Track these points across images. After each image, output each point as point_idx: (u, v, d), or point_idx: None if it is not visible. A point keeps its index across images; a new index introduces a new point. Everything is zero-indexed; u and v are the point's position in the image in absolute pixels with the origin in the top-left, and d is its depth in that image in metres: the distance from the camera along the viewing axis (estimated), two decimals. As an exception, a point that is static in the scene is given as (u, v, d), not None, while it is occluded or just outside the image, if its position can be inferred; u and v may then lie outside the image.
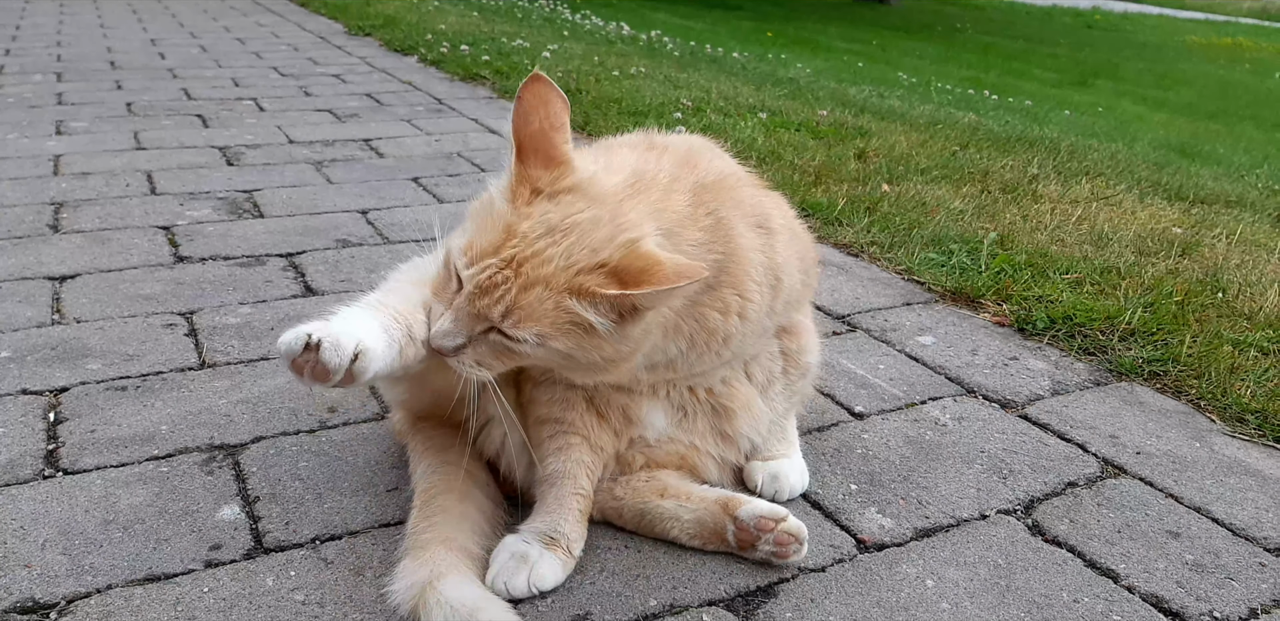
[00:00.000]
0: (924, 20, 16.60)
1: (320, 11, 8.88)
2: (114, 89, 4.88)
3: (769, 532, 1.39)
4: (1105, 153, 4.59)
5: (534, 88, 1.26)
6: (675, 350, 1.36)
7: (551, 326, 1.20)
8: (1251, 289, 2.64)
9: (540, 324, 1.19)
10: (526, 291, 1.19)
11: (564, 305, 1.19)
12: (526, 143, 1.24)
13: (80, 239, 2.69)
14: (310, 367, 1.19)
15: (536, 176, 1.24)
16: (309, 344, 1.18)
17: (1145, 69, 12.43)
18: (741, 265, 1.35)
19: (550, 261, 1.19)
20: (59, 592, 1.33)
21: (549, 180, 1.24)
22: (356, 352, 1.20)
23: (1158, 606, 1.41)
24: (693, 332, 1.35)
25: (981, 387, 2.08)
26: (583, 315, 1.19)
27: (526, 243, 1.20)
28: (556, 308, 1.19)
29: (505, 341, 1.23)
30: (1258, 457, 1.86)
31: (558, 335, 1.21)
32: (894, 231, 3.03)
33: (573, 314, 1.19)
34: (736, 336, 1.38)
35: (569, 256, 1.19)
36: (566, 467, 1.45)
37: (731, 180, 1.42)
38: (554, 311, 1.19)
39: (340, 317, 1.26)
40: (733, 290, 1.35)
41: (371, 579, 1.37)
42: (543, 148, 1.25)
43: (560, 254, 1.19)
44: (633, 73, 5.79)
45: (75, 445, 1.68)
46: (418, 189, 3.34)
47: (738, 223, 1.35)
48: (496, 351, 1.25)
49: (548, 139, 1.25)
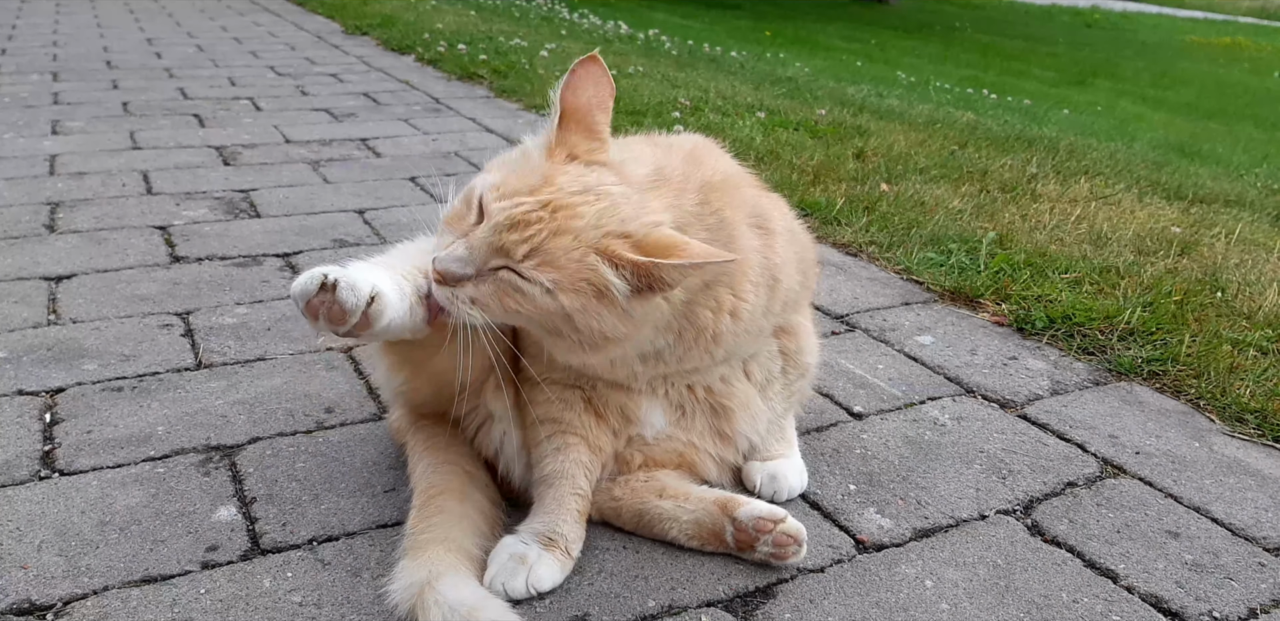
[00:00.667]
0: (923, 19, 16.59)
1: (317, 11, 8.87)
2: (110, 88, 4.88)
3: (768, 534, 1.39)
4: (1104, 152, 4.59)
5: (589, 66, 1.28)
6: (663, 342, 1.36)
7: (569, 279, 1.19)
8: (1251, 288, 2.64)
9: (560, 272, 1.19)
10: (556, 237, 1.19)
11: (588, 261, 1.19)
12: (570, 112, 1.27)
13: (76, 239, 2.68)
14: (326, 309, 1.19)
15: (575, 143, 1.27)
16: (325, 284, 1.17)
17: (1144, 68, 12.43)
18: (739, 265, 1.34)
19: (584, 217, 1.20)
20: (55, 594, 1.32)
21: (586, 149, 1.27)
22: (372, 295, 1.21)
23: (1157, 606, 1.41)
24: (681, 329, 1.34)
25: (980, 387, 2.08)
26: (603, 275, 1.19)
27: (564, 193, 1.21)
28: (580, 262, 1.19)
29: (517, 281, 1.21)
30: (1257, 457, 1.86)
31: (570, 290, 1.20)
32: (893, 231, 3.03)
33: (593, 272, 1.19)
34: (727, 335, 1.37)
35: (601, 218, 1.20)
36: (564, 468, 1.44)
37: (734, 180, 1.42)
38: (576, 264, 1.19)
39: (353, 266, 1.27)
40: (728, 289, 1.35)
41: (369, 580, 1.37)
42: (585, 121, 1.28)
43: (594, 213, 1.20)
44: (631, 72, 5.79)
45: (71, 446, 1.68)
46: (415, 189, 3.33)
47: (739, 223, 1.35)
48: (502, 292, 1.22)
49: (591, 114, 1.28)
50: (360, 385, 1.94)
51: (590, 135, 1.28)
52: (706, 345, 1.38)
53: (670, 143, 1.45)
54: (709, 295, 1.33)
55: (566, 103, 1.27)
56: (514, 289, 1.22)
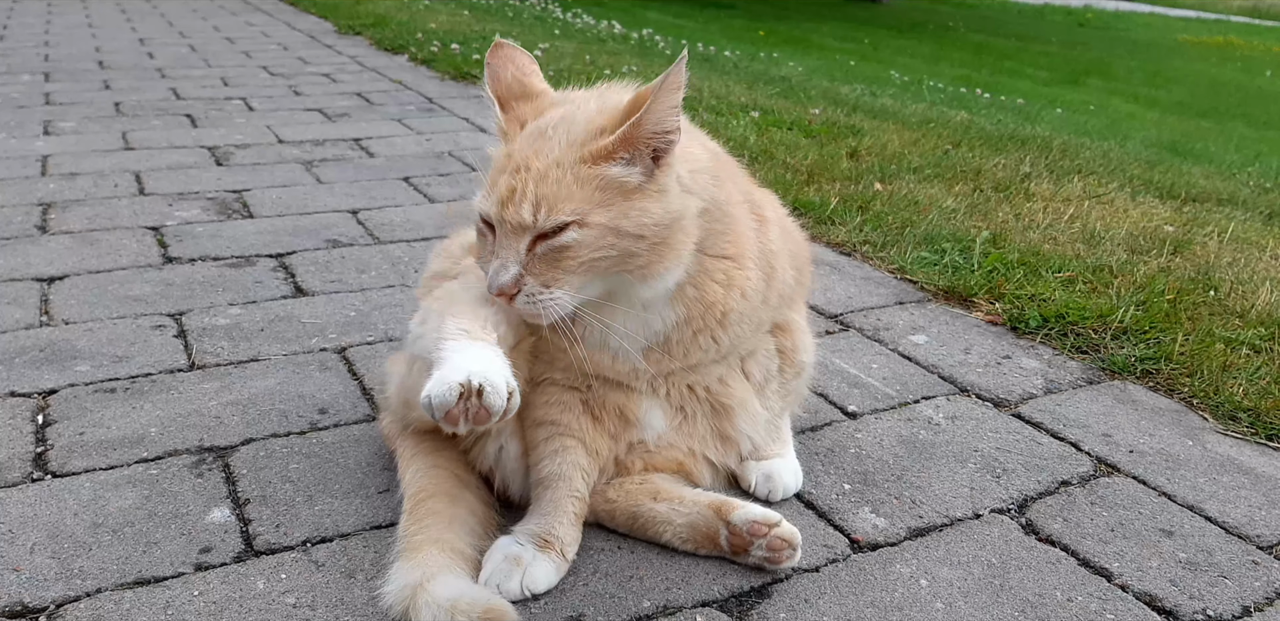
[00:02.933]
0: (916, 18, 16.61)
1: (310, 10, 8.85)
2: (102, 89, 4.86)
3: (762, 537, 1.39)
4: (1097, 151, 4.60)
5: (498, 51, 1.36)
6: (673, 318, 1.36)
7: (584, 201, 1.20)
8: (1243, 287, 2.65)
9: (572, 201, 1.19)
10: (543, 181, 1.20)
11: (583, 174, 1.20)
12: (504, 94, 1.33)
13: (68, 240, 2.67)
14: (472, 413, 1.17)
15: (521, 112, 1.31)
16: (465, 391, 1.15)
17: (1137, 67, 12.46)
18: (739, 235, 1.37)
19: (553, 149, 1.22)
20: (48, 596, 1.32)
21: (532, 110, 1.31)
22: (510, 390, 1.19)
23: (1151, 605, 1.41)
24: (691, 302, 1.35)
25: (974, 386, 2.08)
26: (610, 173, 1.20)
27: (525, 147, 1.24)
28: (578, 180, 1.20)
29: (552, 242, 1.21)
30: (1250, 456, 1.86)
31: (595, 207, 1.20)
32: (886, 230, 3.03)
33: (599, 178, 1.20)
34: (734, 315, 1.38)
35: (569, 135, 1.23)
36: (562, 470, 1.44)
37: (727, 160, 1.46)
38: (578, 185, 1.20)
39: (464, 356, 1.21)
40: (733, 263, 1.37)
41: (363, 581, 1.37)
42: (518, 91, 1.33)
43: (558, 140, 1.23)
44: (624, 71, 5.78)
45: (64, 447, 1.67)
46: (409, 188, 3.33)
47: (734, 196, 1.38)
48: (551, 261, 1.22)
49: (520, 83, 1.34)
50: (354, 386, 1.93)
51: (528, 98, 1.33)
52: (713, 326, 1.38)
53: None
54: (715, 268, 1.35)
55: (496, 90, 1.34)
56: (557, 249, 1.21)
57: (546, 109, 1.31)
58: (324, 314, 2.26)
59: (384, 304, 2.33)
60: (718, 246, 1.35)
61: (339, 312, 2.27)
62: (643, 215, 1.22)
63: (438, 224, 2.94)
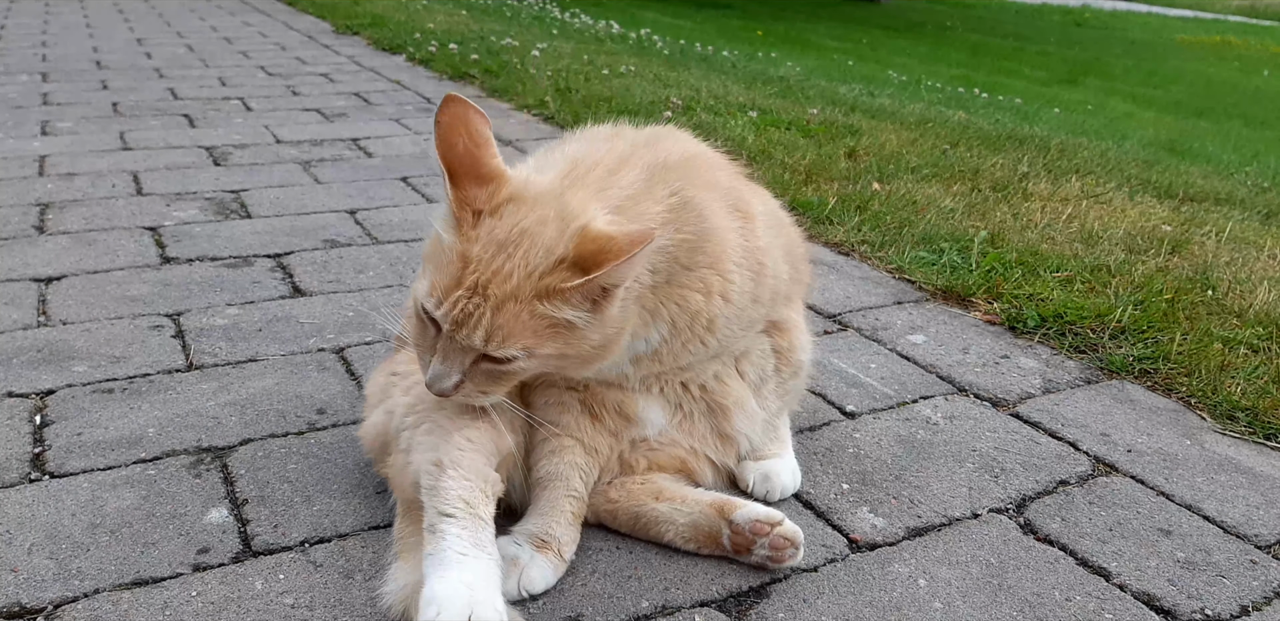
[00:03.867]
0: (913, 18, 16.62)
1: (308, 10, 8.84)
2: (100, 89, 4.86)
3: (764, 536, 1.39)
4: (1095, 151, 4.60)
5: (450, 109, 1.22)
6: (658, 337, 1.36)
7: (534, 336, 1.20)
8: (1241, 286, 2.65)
9: (523, 338, 1.19)
10: (499, 312, 1.18)
11: (538, 312, 1.18)
12: (455, 166, 1.21)
13: (66, 240, 2.67)
14: None
15: (473, 197, 1.22)
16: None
17: (1134, 67, 12.47)
18: (719, 245, 1.35)
19: (511, 276, 1.18)
20: (46, 597, 1.31)
21: (486, 198, 1.22)
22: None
23: (1149, 604, 1.41)
24: (674, 317, 1.35)
25: (973, 386, 2.08)
26: (559, 315, 1.19)
27: (483, 265, 1.18)
28: (533, 317, 1.19)
29: (496, 367, 1.24)
30: (1248, 455, 1.86)
31: (543, 341, 1.20)
32: (885, 230, 3.03)
33: (549, 317, 1.19)
34: (721, 320, 1.38)
35: (527, 264, 1.18)
36: (559, 470, 1.44)
37: (701, 162, 1.43)
38: (531, 321, 1.19)
39: (462, 583, 1.18)
40: (712, 271, 1.35)
41: (361, 581, 1.37)
42: (472, 167, 1.22)
43: (518, 265, 1.18)
44: (622, 71, 5.78)
45: (62, 448, 1.67)
46: (406, 188, 3.32)
47: (710, 203, 1.35)
48: (492, 377, 1.26)
49: (474, 158, 1.23)
50: (352, 386, 1.93)
51: (483, 181, 1.22)
52: (701, 334, 1.38)
53: (627, 133, 1.46)
54: (693, 277, 1.34)
55: (446, 159, 1.21)
56: (499, 372, 1.25)
57: (503, 204, 1.22)
58: (322, 314, 2.26)
59: (382, 304, 2.33)
60: (694, 260, 1.33)
61: (337, 313, 2.27)
62: (584, 342, 1.23)
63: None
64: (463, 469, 1.29)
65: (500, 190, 1.23)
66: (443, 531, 1.22)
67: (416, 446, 1.35)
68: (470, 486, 1.28)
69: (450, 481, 1.27)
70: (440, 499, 1.26)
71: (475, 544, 1.22)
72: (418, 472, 1.31)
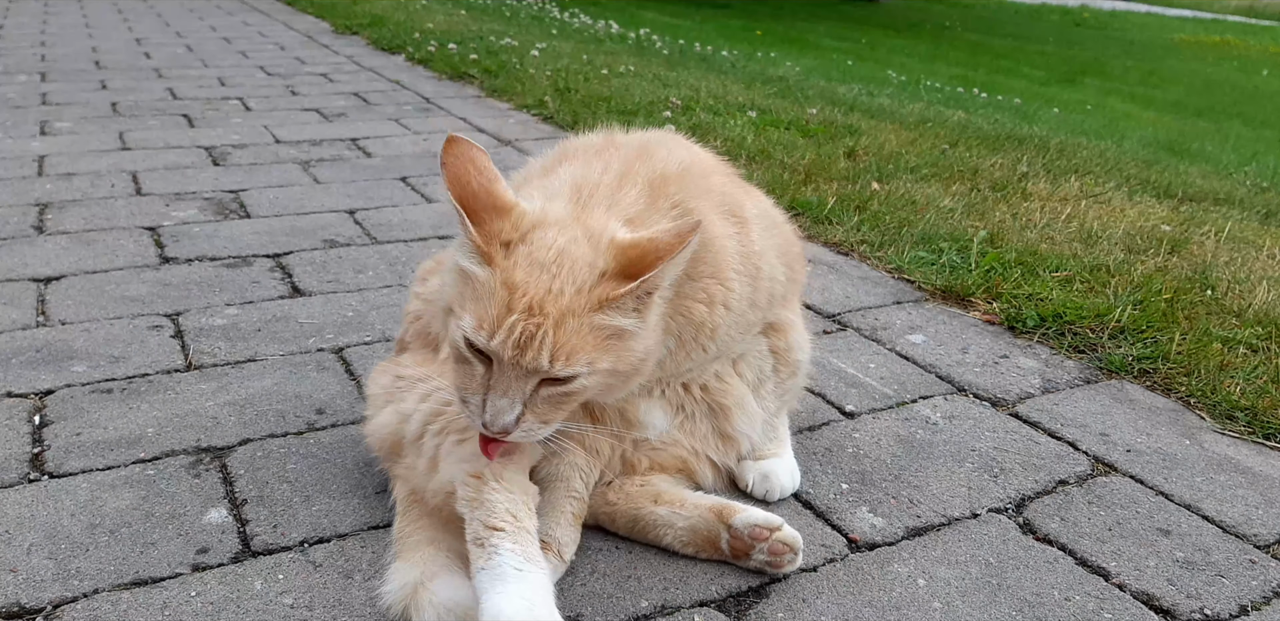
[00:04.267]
0: (912, 18, 16.62)
1: (307, 10, 8.84)
2: (99, 89, 4.85)
3: (763, 542, 1.38)
4: (1094, 150, 4.60)
5: (453, 150, 1.23)
6: (663, 350, 1.36)
7: (595, 350, 1.18)
8: (1240, 286, 2.65)
9: (585, 352, 1.17)
10: (560, 328, 1.16)
11: (596, 324, 1.17)
12: (472, 204, 1.21)
13: (65, 240, 2.67)
14: None
15: (498, 230, 1.21)
16: None
17: (1133, 67, 12.47)
18: (718, 254, 1.35)
19: (563, 293, 1.17)
20: (45, 597, 1.31)
21: (511, 228, 1.22)
22: None
23: (1149, 604, 1.41)
24: (680, 329, 1.35)
25: (972, 386, 2.08)
26: (616, 323, 1.18)
27: (532, 286, 1.17)
28: (591, 329, 1.17)
29: (560, 388, 1.20)
30: (1247, 455, 1.86)
31: (603, 355, 1.19)
32: (884, 230, 3.03)
33: (606, 327, 1.18)
34: (722, 328, 1.38)
35: (575, 280, 1.17)
36: (559, 471, 1.44)
37: (696, 169, 1.42)
38: (590, 334, 1.17)
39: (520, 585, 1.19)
40: (714, 280, 1.35)
41: (361, 581, 1.37)
42: (489, 203, 1.22)
43: (566, 282, 1.17)
44: (622, 71, 5.78)
45: (61, 448, 1.67)
46: (406, 188, 3.32)
47: (708, 211, 1.35)
48: (554, 401, 1.22)
49: (489, 193, 1.23)
50: (351, 386, 1.93)
51: (502, 212, 1.22)
52: (704, 341, 1.39)
53: (620, 142, 1.45)
54: (696, 288, 1.34)
55: (462, 199, 1.21)
56: (560, 395, 1.21)
57: (528, 230, 1.22)
58: (321, 314, 2.26)
59: (381, 304, 2.33)
60: (697, 270, 1.33)
61: (336, 313, 2.27)
62: (632, 354, 1.22)
63: (434, 224, 2.93)
64: (505, 481, 1.29)
65: (523, 220, 1.23)
66: (495, 546, 1.22)
67: (446, 455, 1.35)
68: (514, 499, 1.28)
69: (495, 494, 1.28)
70: (487, 511, 1.26)
71: (528, 558, 1.22)
72: (451, 482, 1.31)
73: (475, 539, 1.24)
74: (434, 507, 1.38)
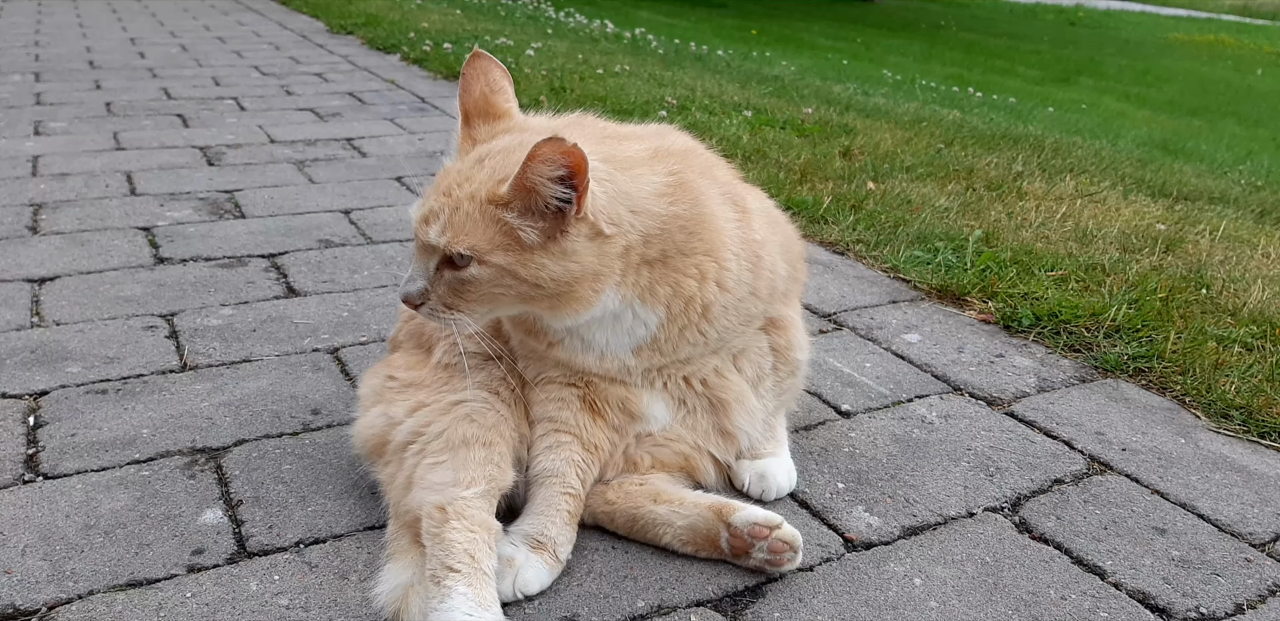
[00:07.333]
0: (908, 18, 16.63)
1: (301, 10, 8.83)
2: (93, 89, 4.84)
3: (763, 540, 1.38)
4: (1089, 150, 4.61)
5: (474, 62, 1.38)
6: (655, 320, 1.38)
7: (484, 240, 1.24)
8: (1235, 285, 2.66)
9: (473, 237, 1.24)
10: (457, 210, 1.25)
11: (487, 213, 1.24)
12: (470, 108, 1.36)
13: (59, 240, 2.66)
14: None
15: (478, 133, 1.34)
16: None
17: (1128, 66, 12.49)
18: (714, 231, 1.37)
19: (474, 180, 1.26)
20: (40, 599, 1.31)
21: (488, 131, 1.34)
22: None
23: (1144, 603, 1.41)
24: (669, 300, 1.37)
25: (968, 385, 2.08)
26: (511, 222, 1.23)
27: (455, 172, 1.29)
28: (483, 218, 1.24)
29: (457, 274, 1.27)
30: (1242, 453, 1.86)
31: (493, 249, 1.25)
32: (879, 229, 3.03)
33: (500, 221, 1.24)
34: (716, 308, 1.40)
35: (494, 173, 1.26)
36: (556, 466, 1.44)
37: (700, 155, 1.47)
38: (482, 223, 1.24)
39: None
40: (708, 257, 1.37)
41: (357, 582, 1.36)
42: (484, 108, 1.36)
43: (485, 173, 1.26)
44: (617, 71, 5.78)
45: (55, 449, 1.66)
46: (401, 188, 3.32)
47: (707, 189, 1.39)
48: (453, 287, 1.29)
49: (488, 101, 1.36)
50: (347, 386, 1.93)
51: (490, 118, 1.35)
52: (697, 321, 1.40)
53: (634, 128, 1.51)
54: (687, 263, 1.36)
55: (463, 103, 1.37)
56: (457, 280, 1.28)
57: (500, 133, 1.34)
58: (316, 314, 2.26)
59: (377, 304, 2.32)
60: (689, 245, 1.36)
61: (331, 313, 2.27)
62: (540, 270, 1.26)
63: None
64: (466, 519, 1.30)
65: (504, 123, 1.35)
66: (449, 588, 1.23)
67: (418, 481, 1.37)
68: (474, 538, 1.29)
69: (455, 533, 1.28)
70: (445, 550, 1.27)
71: (480, 603, 1.22)
72: (419, 509, 1.33)
73: (432, 576, 1.25)
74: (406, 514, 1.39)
